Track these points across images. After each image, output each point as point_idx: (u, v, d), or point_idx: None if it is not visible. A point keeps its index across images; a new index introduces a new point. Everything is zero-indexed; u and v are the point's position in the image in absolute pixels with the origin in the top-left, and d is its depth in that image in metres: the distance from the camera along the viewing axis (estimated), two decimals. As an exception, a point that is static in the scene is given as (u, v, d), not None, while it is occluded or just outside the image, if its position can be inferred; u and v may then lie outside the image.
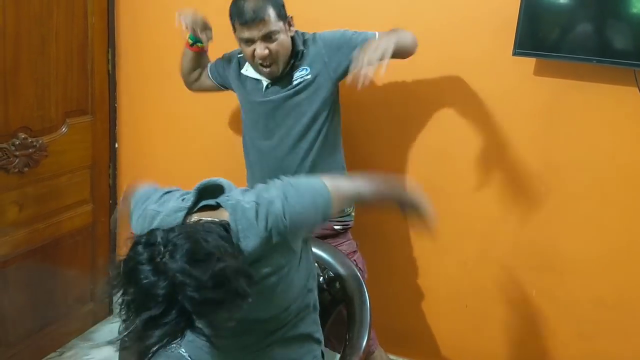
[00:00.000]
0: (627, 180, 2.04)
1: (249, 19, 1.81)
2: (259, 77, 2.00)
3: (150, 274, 1.12)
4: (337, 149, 2.06)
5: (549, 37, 2.00)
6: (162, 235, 1.18)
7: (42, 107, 2.34)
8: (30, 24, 2.22)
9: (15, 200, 2.29)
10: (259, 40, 1.84)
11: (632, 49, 1.92)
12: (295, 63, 1.95)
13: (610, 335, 2.17)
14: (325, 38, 1.97)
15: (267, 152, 2.02)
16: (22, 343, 2.45)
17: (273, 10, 1.83)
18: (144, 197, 1.49)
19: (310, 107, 1.95)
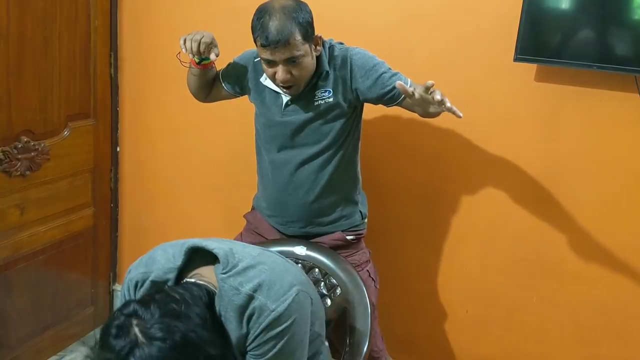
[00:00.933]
0: (629, 186, 2.04)
1: (272, 41, 1.65)
2: (279, 90, 1.86)
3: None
4: (354, 164, 1.98)
5: (550, 43, 2.00)
6: (139, 315, 1.15)
7: (44, 111, 2.34)
8: (34, 27, 2.23)
9: (17, 203, 2.30)
10: (281, 64, 1.70)
11: (633, 55, 1.91)
12: (318, 82, 1.83)
13: (611, 340, 2.16)
14: (357, 62, 1.82)
15: (281, 165, 1.92)
16: (23, 346, 2.46)
17: (299, 33, 1.68)
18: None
19: (331, 131, 1.86)
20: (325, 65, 1.82)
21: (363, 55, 1.84)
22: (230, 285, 1.30)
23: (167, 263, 1.38)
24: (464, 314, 2.35)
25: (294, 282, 1.35)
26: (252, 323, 1.29)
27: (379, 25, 2.23)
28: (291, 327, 1.30)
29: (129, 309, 1.17)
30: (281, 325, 1.29)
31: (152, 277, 1.37)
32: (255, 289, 1.30)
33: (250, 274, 1.33)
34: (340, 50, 1.85)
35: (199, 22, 2.48)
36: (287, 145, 1.90)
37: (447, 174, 2.27)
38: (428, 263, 2.36)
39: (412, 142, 2.27)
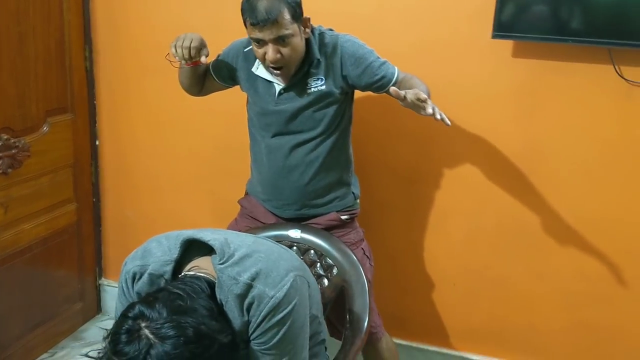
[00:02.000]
0: (606, 155, 2.12)
1: (261, 19, 1.69)
2: (271, 79, 1.90)
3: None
4: (347, 146, 2.02)
5: (526, 19, 2.05)
6: (146, 317, 1.16)
7: (22, 106, 2.31)
8: (8, 22, 2.19)
9: (1, 202, 2.27)
10: (270, 43, 1.73)
11: (606, 29, 1.97)
12: (310, 70, 1.86)
13: (592, 305, 2.25)
14: (348, 50, 1.86)
15: (276, 149, 1.95)
16: (14, 345, 2.45)
17: (288, 12, 1.71)
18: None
19: (324, 117, 1.90)
20: (315, 52, 1.84)
21: (353, 44, 1.88)
22: (228, 276, 1.32)
23: (163, 255, 1.39)
24: (452, 288, 2.41)
25: (290, 267, 1.38)
26: (253, 311, 1.32)
27: (358, 9, 2.24)
28: (292, 312, 1.33)
29: (135, 311, 1.18)
30: (281, 312, 1.32)
31: (149, 270, 1.38)
32: (253, 278, 1.32)
33: (247, 263, 1.35)
34: (331, 38, 1.88)
35: (174, 13, 2.47)
36: (282, 131, 1.92)
37: (431, 155, 2.31)
38: (415, 241, 2.41)
39: (397, 125, 2.30)
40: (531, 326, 2.34)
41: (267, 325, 1.31)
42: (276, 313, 1.31)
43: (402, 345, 2.48)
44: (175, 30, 2.44)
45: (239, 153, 2.42)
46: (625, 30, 1.96)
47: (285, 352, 1.35)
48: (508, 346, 2.39)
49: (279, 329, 1.32)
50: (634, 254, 2.16)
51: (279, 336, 1.33)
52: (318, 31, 1.89)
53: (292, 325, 1.34)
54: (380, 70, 1.87)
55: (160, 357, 1.12)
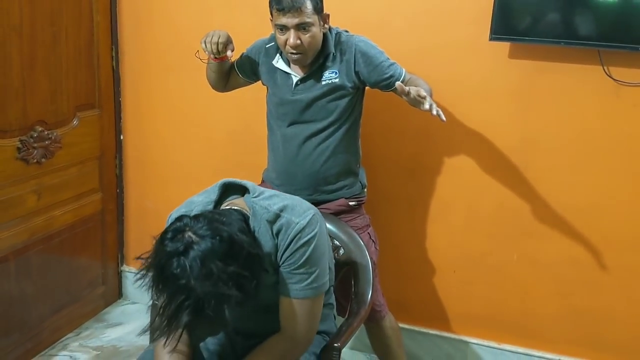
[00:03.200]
0: (595, 149, 2.27)
1: (286, 6, 1.88)
2: (289, 71, 2.08)
3: (176, 267, 1.31)
4: (356, 138, 2.18)
5: (522, 23, 2.20)
6: (189, 225, 1.36)
7: (55, 102, 2.50)
8: (44, 23, 2.38)
9: (34, 189, 2.46)
10: (292, 29, 1.91)
11: (596, 32, 2.13)
12: (325, 64, 2.04)
13: (584, 291, 2.39)
14: (361, 49, 2.04)
15: (291, 138, 2.11)
16: (42, 324, 2.62)
17: (310, 3, 1.90)
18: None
19: (336, 108, 2.06)
20: (331, 47, 2.04)
21: (366, 44, 2.07)
22: (260, 206, 1.56)
23: (204, 199, 1.63)
24: (451, 275, 2.56)
25: (310, 206, 1.61)
26: (282, 235, 1.53)
27: (364, 11, 2.41)
28: (315, 236, 1.55)
29: (182, 221, 1.38)
30: (307, 235, 1.53)
31: (193, 213, 1.54)
32: (281, 209, 1.55)
33: (275, 199, 1.58)
34: (347, 37, 2.07)
35: (194, 14, 2.65)
36: (297, 120, 2.10)
37: (432, 149, 2.47)
38: (417, 230, 2.57)
39: (401, 121, 2.46)
40: (526, 311, 2.49)
41: (295, 246, 1.52)
42: (302, 235, 1.53)
43: (405, 328, 2.62)
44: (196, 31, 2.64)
45: (253, 147, 2.60)
46: (614, 34, 2.11)
47: (311, 271, 1.54)
48: (504, 330, 2.54)
49: (305, 249, 1.53)
50: (621, 241, 2.31)
51: (306, 255, 1.53)
52: (335, 31, 2.08)
53: (316, 247, 1.55)
54: (389, 69, 2.05)
55: (197, 252, 1.32)
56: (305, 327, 1.58)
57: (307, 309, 1.56)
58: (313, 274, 1.55)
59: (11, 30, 2.24)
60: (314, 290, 1.56)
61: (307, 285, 1.55)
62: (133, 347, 2.66)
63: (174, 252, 1.33)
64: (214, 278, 1.32)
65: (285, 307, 1.57)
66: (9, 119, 2.29)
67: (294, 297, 1.55)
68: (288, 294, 1.55)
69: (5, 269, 2.38)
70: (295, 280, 1.54)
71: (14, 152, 2.33)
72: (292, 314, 1.56)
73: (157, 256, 1.35)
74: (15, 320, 2.47)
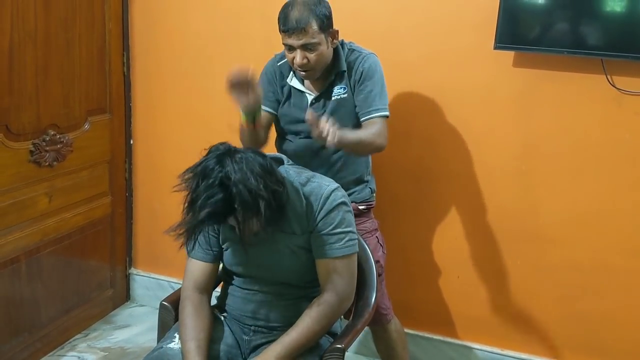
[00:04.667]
0: (597, 156, 2.30)
1: (291, 27, 1.90)
2: (304, 90, 2.09)
3: (216, 163, 1.51)
4: None
5: (526, 32, 2.25)
6: (231, 159, 1.51)
7: (67, 106, 2.55)
8: (58, 29, 2.44)
9: (46, 191, 2.50)
10: (299, 49, 1.93)
11: (600, 41, 2.17)
12: (336, 80, 2.05)
13: (588, 296, 2.41)
14: (364, 65, 2.04)
15: (303, 149, 2.11)
16: (51, 325, 2.66)
17: (315, 22, 1.90)
18: None
19: (348, 122, 2.04)
20: (342, 64, 2.05)
21: (371, 64, 2.06)
22: (294, 170, 1.74)
23: None
24: (455, 279, 2.59)
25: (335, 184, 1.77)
26: (314, 197, 1.69)
27: (371, 19, 2.46)
28: (347, 199, 1.75)
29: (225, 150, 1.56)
30: (340, 198, 1.71)
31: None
32: (311, 177, 1.74)
33: (305, 171, 1.78)
34: (359, 53, 2.08)
35: (203, 23, 2.70)
36: (310, 135, 2.05)
37: (437, 155, 2.50)
38: (421, 234, 2.60)
39: (407, 127, 2.50)
40: (529, 316, 2.51)
41: (330, 206, 1.69)
42: (336, 197, 1.70)
43: (409, 333, 2.64)
44: (206, 37, 2.71)
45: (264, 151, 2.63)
46: (618, 43, 2.15)
47: (347, 230, 1.71)
48: (507, 335, 2.56)
49: (340, 209, 1.70)
50: (623, 247, 2.33)
51: (341, 215, 1.70)
52: (348, 46, 2.09)
53: (348, 208, 1.74)
54: (374, 102, 2.03)
55: (240, 156, 1.52)
56: (347, 282, 1.71)
57: (347, 266, 1.71)
58: (349, 233, 1.71)
59: (26, 36, 2.29)
60: (350, 248, 1.71)
61: (345, 243, 1.70)
62: (140, 349, 2.70)
63: (217, 153, 1.53)
64: (251, 179, 1.48)
65: (325, 267, 1.70)
66: (22, 122, 2.34)
67: (334, 256, 1.69)
68: (328, 255, 1.69)
69: (16, 269, 2.43)
70: (333, 240, 1.68)
71: (27, 155, 2.38)
72: (334, 271, 1.69)
73: (200, 162, 1.55)
74: (25, 320, 2.51)
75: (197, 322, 1.70)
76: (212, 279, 1.83)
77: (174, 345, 1.71)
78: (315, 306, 1.68)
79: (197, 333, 1.67)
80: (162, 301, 1.87)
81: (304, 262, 1.74)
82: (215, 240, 1.79)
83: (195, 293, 1.77)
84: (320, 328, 1.67)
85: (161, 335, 1.85)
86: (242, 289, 1.81)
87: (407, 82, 2.46)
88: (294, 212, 1.68)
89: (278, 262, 1.73)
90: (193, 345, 1.64)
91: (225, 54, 2.67)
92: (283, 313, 1.77)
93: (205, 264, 1.80)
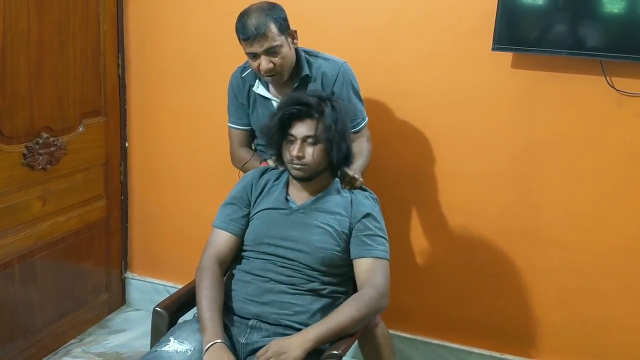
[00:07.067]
0: (597, 157, 2.28)
1: (251, 35, 1.90)
2: (269, 96, 2.11)
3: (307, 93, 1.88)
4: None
5: (524, 33, 2.23)
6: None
7: (61, 108, 2.52)
8: (51, 31, 2.40)
9: (40, 195, 2.47)
10: (262, 55, 1.94)
11: (598, 42, 2.15)
12: (300, 86, 2.07)
13: (587, 299, 2.39)
14: (347, 76, 2.09)
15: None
16: (46, 330, 2.62)
17: (274, 25, 1.92)
18: None
19: None
20: (305, 69, 2.06)
21: (353, 75, 2.13)
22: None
23: None
24: (454, 283, 2.57)
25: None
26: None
27: (369, 20, 2.43)
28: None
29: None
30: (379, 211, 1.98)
31: None
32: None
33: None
34: (335, 63, 2.11)
35: (198, 24, 2.68)
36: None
37: (433, 156, 2.48)
38: (418, 237, 2.58)
39: (402, 128, 2.48)
40: (528, 319, 2.49)
41: (373, 209, 1.96)
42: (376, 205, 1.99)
43: (406, 338, 2.64)
44: (201, 39, 2.69)
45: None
46: (617, 44, 2.13)
47: (386, 238, 1.92)
48: (506, 339, 2.54)
49: (381, 217, 1.97)
50: (624, 249, 2.32)
51: (382, 224, 1.95)
52: (301, 50, 2.09)
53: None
54: (362, 112, 2.14)
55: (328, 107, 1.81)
56: (385, 282, 1.80)
57: (386, 268, 1.83)
58: (387, 242, 1.87)
59: (19, 38, 2.26)
60: (389, 254, 1.86)
61: (386, 249, 1.85)
62: (136, 354, 2.67)
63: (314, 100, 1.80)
64: (331, 104, 1.80)
65: (367, 265, 1.81)
66: (15, 125, 2.31)
67: (377, 257, 1.82)
68: (372, 255, 1.82)
69: (9, 274, 2.40)
70: (378, 242, 1.83)
71: (20, 158, 2.34)
72: (375, 270, 1.80)
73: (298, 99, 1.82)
74: (19, 325, 2.48)
75: (216, 293, 1.77)
76: (233, 254, 1.91)
77: (168, 349, 1.69)
78: (356, 296, 1.77)
79: (217, 304, 1.75)
80: (155, 307, 1.85)
81: (332, 245, 1.81)
82: (244, 216, 1.91)
83: (215, 264, 1.84)
84: (360, 316, 1.73)
85: (154, 342, 1.82)
86: (254, 275, 1.83)
87: (405, 84, 2.44)
88: (341, 198, 1.88)
89: (307, 237, 1.81)
90: (216, 314, 1.72)
91: (220, 55, 2.64)
92: (291, 306, 1.77)
93: (230, 236, 1.89)
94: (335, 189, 1.91)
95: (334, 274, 1.84)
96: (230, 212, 1.92)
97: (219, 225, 1.91)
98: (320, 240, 1.81)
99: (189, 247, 2.72)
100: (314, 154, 1.80)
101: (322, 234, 1.82)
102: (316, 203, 1.87)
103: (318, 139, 1.79)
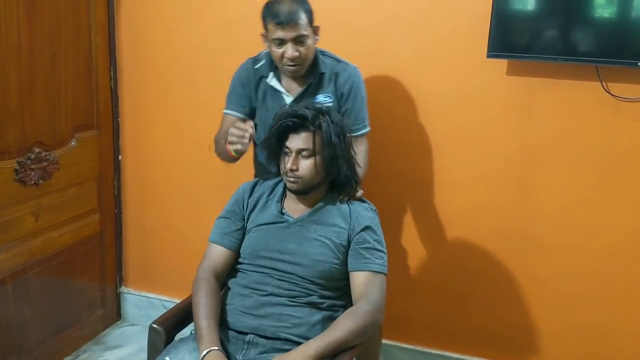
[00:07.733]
0: (594, 163, 2.27)
1: (284, 20, 1.92)
2: (281, 90, 2.09)
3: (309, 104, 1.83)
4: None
5: (519, 40, 2.22)
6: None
7: (53, 122, 2.49)
8: (42, 44, 2.38)
9: (32, 211, 2.44)
10: (290, 42, 1.95)
11: (593, 48, 2.15)
12: (319, 85, 2.07)
13: (586, 306, 2.37)
14: (356, 82, 2.10)
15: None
16: (40, 347, 2.59)
17: (305, 16, 1.95)
18: None
19: None
20: (322, 66, 2.07)
21: (361, 81, 2.13)
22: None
23: None
24: (453, 291, 2.54)
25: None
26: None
27: (362, 26, 2.43)
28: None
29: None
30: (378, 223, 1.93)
31: None
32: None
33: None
34: (347, 66, 2.12)
35: (191, 36, 2.66)
36: None
37: (430, 163, 2.46)
38: (416, 245, 2.56)
39: (399, 135, 2.47)
40: (527, 327, 2.47)
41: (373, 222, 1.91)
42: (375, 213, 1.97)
43: (406, 348, 2.61)
44: (194, 51, 2.67)
45: (250, 166, 2.59)
46: (612, 50, 2.13)
47: (385, 252, 1.88)
48: (506, 347, 2.52)
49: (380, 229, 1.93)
50: (622, 255, 2.30)
51: (381, 237, 1.91)
52: (328, 54, 2.11)
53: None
54: (365, 119, 2.15)
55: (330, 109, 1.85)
56: (381, 296, 1.77)
57: (382, 283, 1.79)
58: (385, 255, 1.84)
59: (9, 51, 2.24)
60: (385, 268, 1.82)
61: (383, 263, 1.82)
62: (132, 370, 2.63)
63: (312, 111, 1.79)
64: (330, 119, 1.77)
65: (364, 279, 1.78)
66: (7, 140, 2.28)
67: (374, 271, 1.79)
68: (369, 269, 1.79)
69: (2, 291, 2.36)
70: (376, 256, 1.80)
71: (12, 174, 2.31)
72: (372, 284, 1.77)
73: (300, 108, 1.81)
74: (13, 343, 2.44)
75: (213, 304, 1.77)
76: (229, 267, 1.90)
77: None
78: (352, 310, 1.74)
79: (214, 313, 1.74)
80: (151, 324, 1.81)
81: (331, 258, 1.79)
82: (238, 229, 1.90)
83: (212, 276, 1.84)
84: (358, 329, 1.69)
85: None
86: (251, 288, 1.80)
87: (400, 91, 2.43)
88: (339, 210, 1.85)
89: (306, 250, 1.79)
90: (213, 322, 1.71)
91: (213, 67, 2.63)
92: (289, 318, 1.74)
93: (226, 251, 1.88)
94: (333, 199, 1.88)
95: (332, 288, 1.81)
96: (225, 226, 1.91)
97: (213, 240, 1.91)
98: (319, 253, 1.79)
99: (184, 261, 2.69)
100: (308, 167, 1.78)
101: (321, 246, 1.80)
102: (314, 215, 1.85)
103: (313, 152, 1.77)
